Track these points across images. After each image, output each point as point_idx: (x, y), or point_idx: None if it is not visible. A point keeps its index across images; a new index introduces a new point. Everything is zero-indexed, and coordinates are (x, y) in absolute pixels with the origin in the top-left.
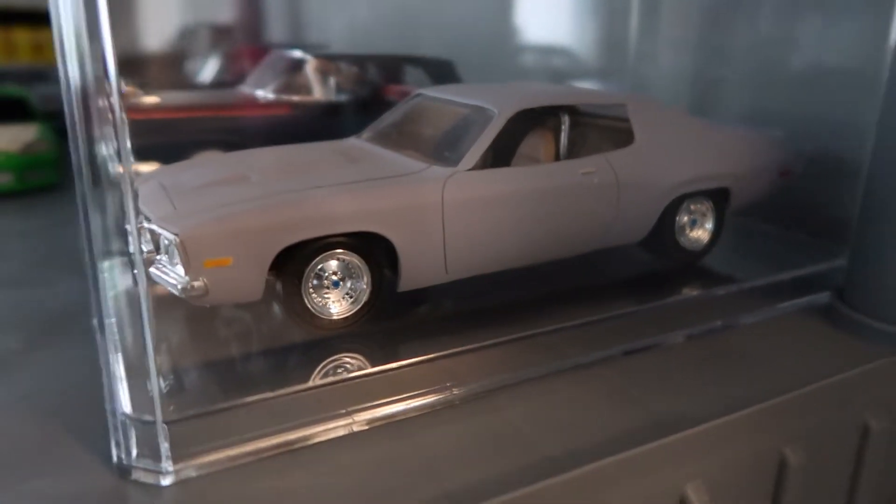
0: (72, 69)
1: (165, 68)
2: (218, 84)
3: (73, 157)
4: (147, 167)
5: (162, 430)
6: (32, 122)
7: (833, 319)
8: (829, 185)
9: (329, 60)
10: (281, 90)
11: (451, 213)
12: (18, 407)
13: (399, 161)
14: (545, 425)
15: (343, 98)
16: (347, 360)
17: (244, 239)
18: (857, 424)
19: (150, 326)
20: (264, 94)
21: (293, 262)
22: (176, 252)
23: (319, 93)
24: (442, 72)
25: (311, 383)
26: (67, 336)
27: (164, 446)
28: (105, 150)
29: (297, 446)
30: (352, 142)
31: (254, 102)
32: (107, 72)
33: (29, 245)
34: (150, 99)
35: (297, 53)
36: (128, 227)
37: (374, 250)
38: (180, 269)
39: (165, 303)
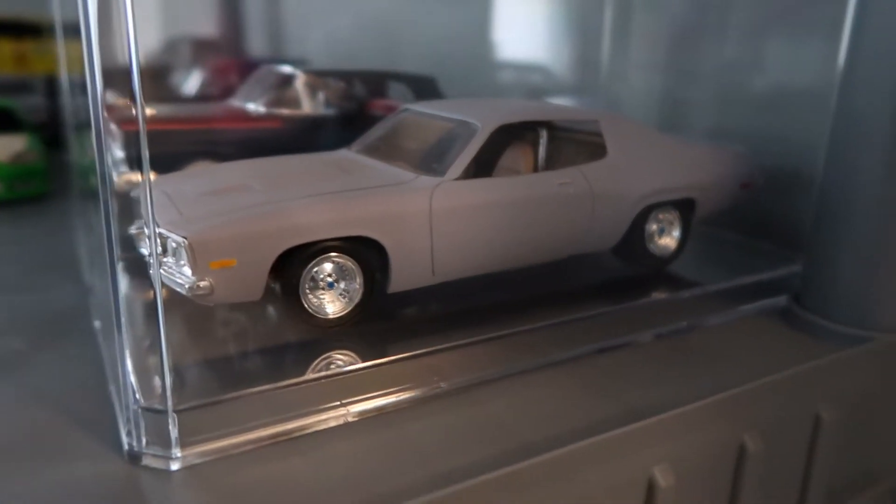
0: (98, 83)
1: (151, 81)
2: (202, 97)
3: (98, 167)
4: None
5: (172, 419)
6: (21, 132)
7: (789, 320)
8: (787, 197)
9: (317, 76)
10: (272, 104)
11: (438, 220)
12: (30, 403)
13: (389, 171)
14: (525, 415)
15: (330, 112)
16: (341, 356)
17: (247, 242)
18: (810, 415)
19: (164, 323)
20: (256, 107)
21: (292, 265)
22: (184, 254)
23: (308, 107)
24: (424, 87)
25: (307, 377)
26: (68, 338)
27: (174, 433)
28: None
29: (295, 435)
30: (343, 153)
31: (247, 116)
32: (133, 87)
33: (22, 252)
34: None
35: (287, 69)
36: (146, 231)
37: (366, 254)
38: (187, 270)
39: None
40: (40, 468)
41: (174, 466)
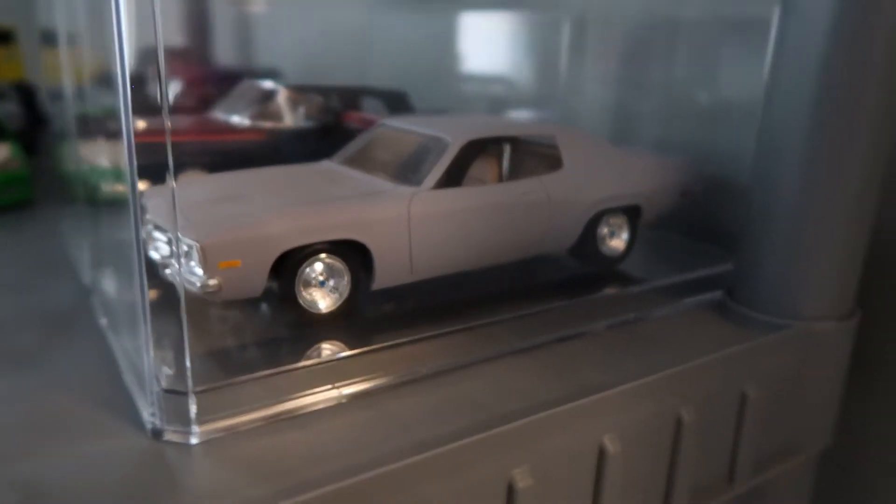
0: (128, 95)
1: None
2: (177, 108)
3: (129, 176)
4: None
5: (192, 399)
6: (4, 140)
7: (723, 312)
8: (723, 202)
9: (298, 91)
10: (256, 117)
11: (415, 225)
12: (53, 390)
13: (371, 181)
14: (495, 393)
15: (310, 125)
16: (331, 346)
17: (251, 245)
18: (737, 392)
19: (185, 314)
20: (241, 120)
21: (288, 265)
22: (195, 255)
23: (290, 120)
24: (397, 102)
25: (304, 363)
26: (75, 334)
27: (193, 411)
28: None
29: (296, 414)
30: (326, 164)
31: (233, 128)
32: (162, 99)
33: (15, 256)
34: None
35: (269, 84)
36: (158, 235)
37: (352, 255)
38: (198, 270)
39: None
40: (76, 444)
41: (194, 441)
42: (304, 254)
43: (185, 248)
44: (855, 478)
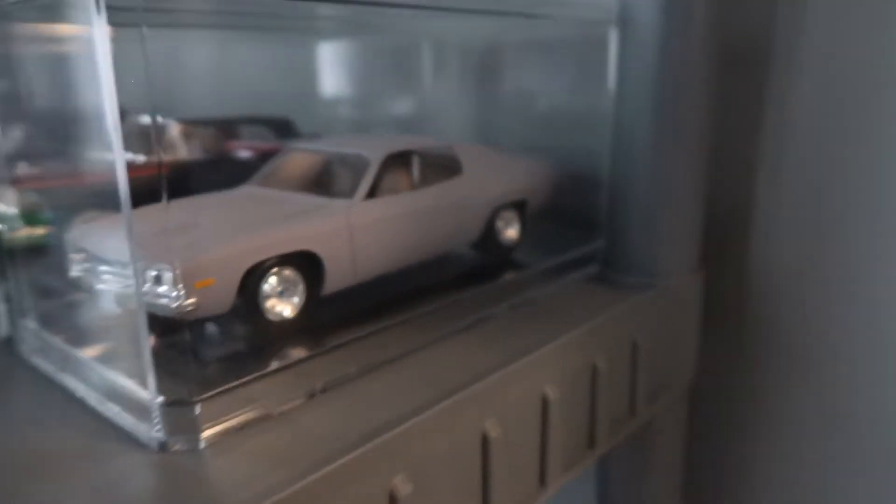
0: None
1: None
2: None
3: (126, 215)
4: None
5: (197, 408)
6: None
7: (602, 280)
8: (588, 193)
9: (188, 124)
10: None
11: (355, 232)
12: (31, 429)
13: (305, 198)
14: (435, 373)
15: (201, 156)
16: (295, 350)
17: (222, 263)
18: (629, 341)
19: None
20: (134, 157)
21: (252, 279)
22: (169, 278)
23: (184, 153)
24: (282, 127)
25: (273, 367)
26: (15, 382)
27: (198, 416)
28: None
29: (278, 411)
30: (248, 189)
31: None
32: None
33: None
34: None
35: (160, 118)
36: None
37: (304, 265)
38: (172, 293)
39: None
40: (87, 470)
41: (202, 445)
42: (265, 267)
43: (152, 274)
44: (719, 408)
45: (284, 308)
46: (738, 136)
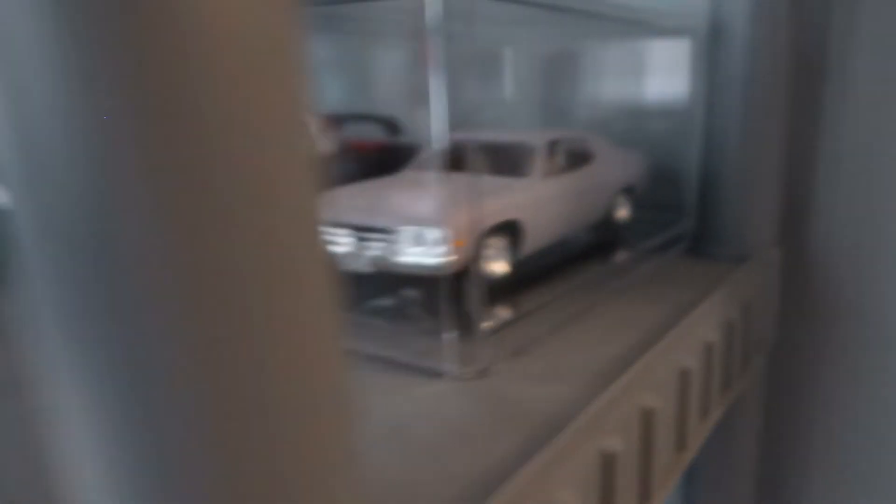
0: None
1: None
2: None
3: None
4: None
5: (481, 342)
6: None
7: (698, 254)
8: (673, 181)
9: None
10: None
11: (541, 204)
12: None
13: (492, 179)
14: (629, 318)
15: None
16: (504, 308)
17: (469, 227)
18: (737, 309)
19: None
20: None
21: (481, 241)
22: (431, 239)
23: (326, 145)
24: (390, 125)
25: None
26: None
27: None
28: None
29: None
30: (413, 174)
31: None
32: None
33: None
34: None
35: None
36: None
37: (508, 232)
38: (433, 251)
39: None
40: (413, 389)
41: (487, 372)
42: (488, 231)
43: (409, 235)
44: (790, 374)
45: (500, 266)
46: (802, 131)
